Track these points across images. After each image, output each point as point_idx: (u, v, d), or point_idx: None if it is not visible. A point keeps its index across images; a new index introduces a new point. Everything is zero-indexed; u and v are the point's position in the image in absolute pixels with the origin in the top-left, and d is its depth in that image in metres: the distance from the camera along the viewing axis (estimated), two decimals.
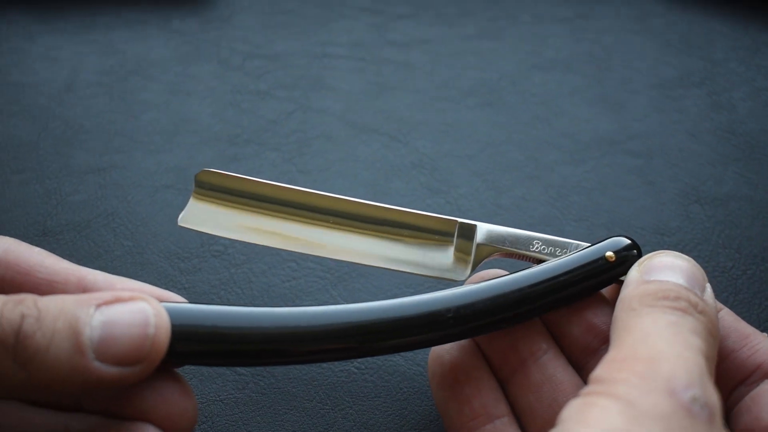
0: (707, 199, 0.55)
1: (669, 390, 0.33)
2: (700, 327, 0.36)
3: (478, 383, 0.42)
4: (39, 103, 0.60)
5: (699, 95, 0.61)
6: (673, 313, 0.37)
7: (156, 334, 0.35)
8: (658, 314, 0.37)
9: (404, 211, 0.45)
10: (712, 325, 0.37)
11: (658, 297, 0.37)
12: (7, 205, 0.54)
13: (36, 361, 0.34)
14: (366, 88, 0.61)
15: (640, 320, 0.37)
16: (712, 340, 0.37)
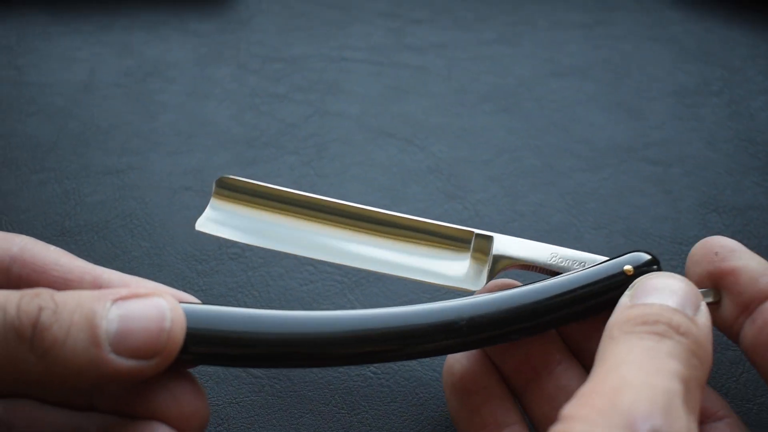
0: (725, 208, 0.55)
1: (628, 424, 0.32)
2: (679, 349, 0.35)
3: (488, 392, 0.42)
4: (57, 103, 0.60)
5: (717, 103, 0.61)
6: (649, 338, 0.35)
7: (172, 329, 0.36)
8: (634, 341, 0.36)
9: (421, 220, 0.45)
10: (697, 346, 0.36)
11: (637, 322, 0.36)
12: (25, 205, 0.54)
13: (53, 353, 0.34)
14: (383, 92, 0.62)
15: (615, 348, 0.36)
16: (696, 361, 0.35)
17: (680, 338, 0.35)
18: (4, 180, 0.56)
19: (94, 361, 0.34)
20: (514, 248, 0.44)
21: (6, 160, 0.57)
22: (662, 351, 0.35)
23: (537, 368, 0.42)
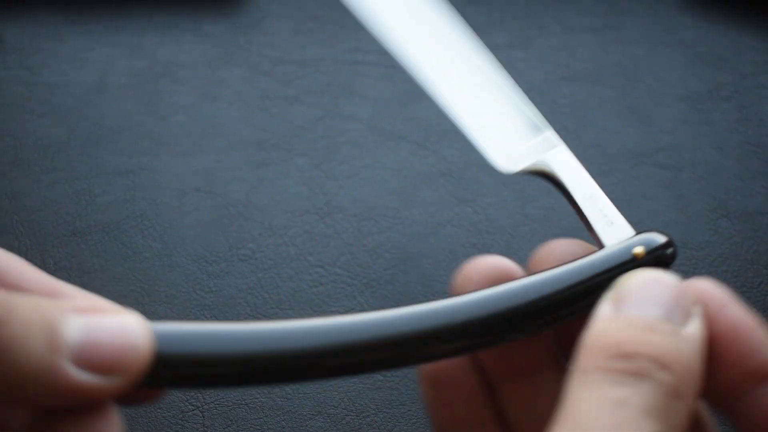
0: (736, 214, 0.55)
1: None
2: (658, 395, 0.29)
3: (461, 387, 0.39)
4: (69, 104, 0.60)
5: (728, 108, 0.61)
6: (622, 384, 0.29)
7: (139, 344, 0.31)
8: (603, 387, 0.29)
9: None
10: (681, 378, 0.29)
11: (611, 355, 0.29)
12: (36, 205, 0.55)
13: (7, 355, 0.29)
14: (394, 95, 0.62)
15: (580, 393, 0.29)
16: (678, 405, 0.29)
17: (662, 376, 0.29)
18: (15, 180, 0.56)
19: (49, 369, 0.30)
20: (564, 169, 0.39)
21: (17, 160, 0.57)
22: (637, 408, 0.28)
23: (520, 366, 0.37)
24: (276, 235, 0.53)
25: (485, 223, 0.54)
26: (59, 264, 0.52)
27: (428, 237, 0.53)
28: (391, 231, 0.54)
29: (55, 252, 0.52)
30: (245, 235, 0.53)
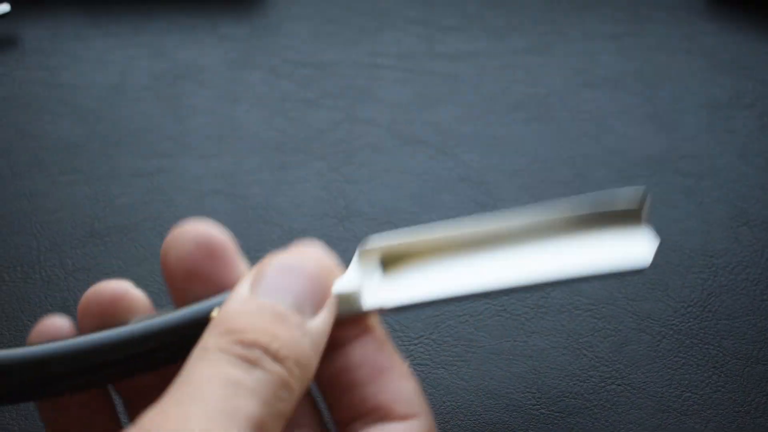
0: (756, 222, 0.54)
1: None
2: (266, 384, 0.31)
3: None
4: (89, 105, 0.60)
5: (749, 116, 0.60)
6: (237, 365, 0.31)
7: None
8: (221, 365, 0.31)
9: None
10: (292, 372, 0.32)
11: (234, 340, 0.31)
12: (55, 206, 0.54)
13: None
14: (413, 99, 0.61)
15: (199, 365, 0.31)
16: (286, 394, 0.31)
17: (273, 367, 0.31)
18: (34, 181, 0.56)
19: None
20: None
21: (36, 161, 0.57)
22: (245, 388, 0.30)
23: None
24: (295, 239, 0.53)
25: None
26: (77, 265, 0.52)
27: None
28: None
29: (73, 253, 0.52)
30: (264, 237, 0.53)
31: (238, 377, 0.31)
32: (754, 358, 0.48)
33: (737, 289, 0.51)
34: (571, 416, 0.46)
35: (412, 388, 0.36)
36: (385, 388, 0.35)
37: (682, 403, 0.46)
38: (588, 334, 0.49)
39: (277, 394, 0.31)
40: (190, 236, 0.37)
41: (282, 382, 0.31)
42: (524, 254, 0.38)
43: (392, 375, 0.36)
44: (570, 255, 0.37)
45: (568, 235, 0.38)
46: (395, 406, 0.35)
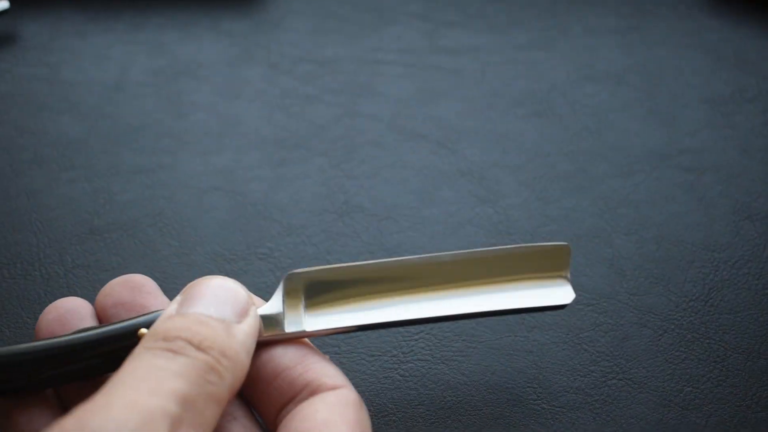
0: (758, 216, 0.54)
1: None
2: (190, 367, 0.34)
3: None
4: (88, 101, 0.60)
5: (752, 111, 0.60)
6: (162, 356, 0.34)
7: None
8: (146, 358, 0.34)
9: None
10: (219, 360, 0.35)
11: (158, 338, 0.35)
12: (55, 203, 0.54)
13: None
14: (415, 94, 0.61)
15: (127, 366, 0.34)
16: (214, 377, 0.34)
17: (197, 354, 0.34)
18: (34, 178, 0.56)
19: None
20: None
21: (36, 158, 0.57)
22: (169, 370, 0.34)
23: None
24: (294, 234, 0.53)
25: (506, 223, 0.54)
26: (77, 262, 0.52)
27: (448, 237, 0.53)
28: (411, 231, 0.53)
29: (73, 250, 0.52)
30: (264, 234, 0.53)
31: (162, 364, 0.34)
32: (756, 352, 0.48)
33: (739, 283, 0.51)
34: (572, 411, 0.46)
35: (335, 366, 0.39)
36: (310, 367, 0.38)
37: (683, 398, 0.46)
38: (589, 329, 0.49)
39: (204, 377, 0.34)
40: (117, 280, 0.42)
41: (207, 367, 0.34)
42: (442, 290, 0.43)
43: (314, 357, 0.39)
44: (492, 292, 0.43)
45: (493, 277, 0.43)
46: (324, 379, 0.38)
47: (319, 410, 0.37)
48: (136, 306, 0.41)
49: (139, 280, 0.42)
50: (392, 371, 0.47)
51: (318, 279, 0.42)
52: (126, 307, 0.41)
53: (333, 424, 0.36)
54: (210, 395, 0.34)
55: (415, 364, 0.47)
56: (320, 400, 0.38)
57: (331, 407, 0.37)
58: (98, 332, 0.39)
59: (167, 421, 0.32)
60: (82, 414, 0.31)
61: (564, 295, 0.43)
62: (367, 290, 0.42)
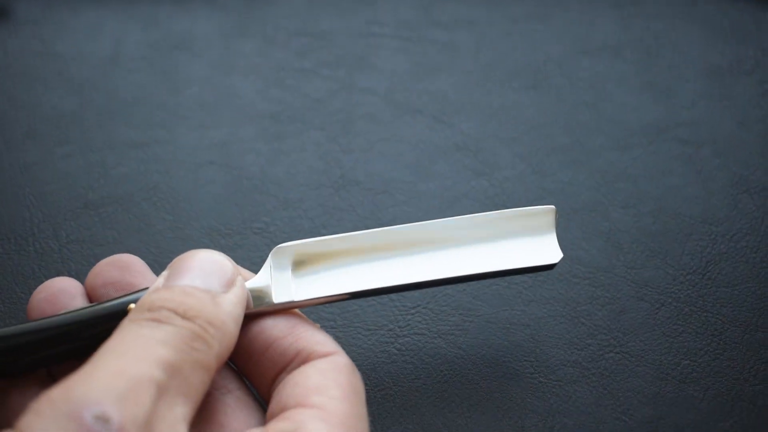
0: (756, 189, 0.54)
1: (71, 411, 0.30)
2: (176, 335, 0.35)
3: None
4: (82, 75, 0.60)
5: (749, 83, 0.60)
6: (147, 326, 0.35)
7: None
8: (132, 329, 0.35)
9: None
10: (206, 328, 0.35)
11: (143, 309, 0.36)
12: (49, 177, 0.54)
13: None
14: (411, 68, 0.61)
15: (113, 337, 0.35)
16: (200, 344, 0.35)
17: (182, 323, 0.35)
18: (28, 152, 0.56)
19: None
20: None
21: (30, 132, 0.57)
22: (154, 338, 0.34)
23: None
24: (290, 209, 0.53)
25: (502, 197, 0.53)
26: (71, 236, 0.51)
27: (444, 211, 0.53)
28: (407, 205, 0.53)
29: (67, 224, 0.52)
30: (259, 208, 0.53)
31: (148, 333, 0.34)
32: (754, 325, 0.48)
33: (737, 256, 0.51)
34: (570, 384, 0.46)
35: (325, 333, 0.40)
36: (301, 336, 0.39)
37: (680, 371, 0.46)
38: (586, 303, 0.49)
39: (191, 344, 0.35)
40: (106, 260, 0.43)
41: (193, 335, 0.35)
42: (431, 256, 0.43)
43: (305, 326, 0.40)
44: (481, 256, 0.43)
45: (482, 241, 0.43)
46: (315, 347, 0.38)
47: (311, 376, 0.37)
48: (125, 285, 0.41)
49: (128, 260, 0.42)
50: (389, 345, 0.47)
51: (306, 251, 0.42)
52: (116, 287, 0.41)
53: (325, 388, 0.37)
54: (196, 363, 0.35)
55: (411, 338, 0.47)
56: (312, 366, 0.38)
57: (323, 372, 0.38)
58: (88, 311, 0.39)
59: (153, 387, 0.32)
60: (69, 383, 0.31)
61: (552, 255, 0.43)
62: (356, 260, 0.42)
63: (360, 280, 0.42)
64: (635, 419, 0.45)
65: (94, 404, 0.30)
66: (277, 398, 0.37)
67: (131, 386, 0.31)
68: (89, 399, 0.31)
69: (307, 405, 0.36)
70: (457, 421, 0.45)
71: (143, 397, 0.32)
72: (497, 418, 0.45)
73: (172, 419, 0.32)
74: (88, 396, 0.31)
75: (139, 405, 0.31)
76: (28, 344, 0.38)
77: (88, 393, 0.31)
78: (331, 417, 0.36)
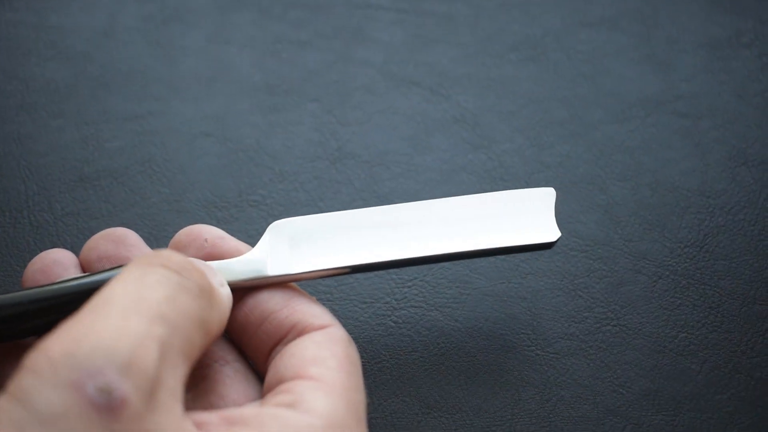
0: (755, 162, 0.54)
1: (73, 382, 0.29)
2: (176, 291, 0.34)
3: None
4: (77, 47, 0.59)
5: (748, 56, 0.60)
6: (146, 279, 0.34)
7: None
8: (139, 270, 0.34)
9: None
10: (200, 289, 0.35)
11: (142, 263, 0.35)
12: (44, 150, 0.54)
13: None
14: (407, 40, 0.60)
15: (116, 278, 0.34)
16: (202, 302, 0.35)
17: (181, 280, 0.34)
18: (23, 124, 0.55)
19: None
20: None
21: (24, 105, 0.56)
22: (155, 291, 0.33)
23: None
24: (287, 181, 0.53)
25: (500, 170, 0.53)
26: (66, 209, 0.51)
27: (441, 184, 0.53)
28: (403, 177, 0.53)
29: (62, 197, 0.52)
30: (255, 180, 0.53)
31: (148, 285, 0.33)
32: (751, 298, 0.48)
33: (735, 229, 0.51)
34: (567, 357, 0.46)
35: (321, 306, 0.40)
36: (296, 309, 0.39)
37: (678, 344, 0.46)
38: (583, 276, 0.49)
39: (192, 301, 0.34)
40: (99, 234, 0.42)
41: (194, 291, 0.35)
42: (428, 232, 0.43)
43: (300, 299, 0.40)
44: (479, 233, 0.43)
45: (480, 219, 0.43)
46: (311, 320, 0.38)
47: (307, 348, 0.37)
48: (120, 259, 0.41)
49: (122, 233, 0.42)
50: (385, 318, 0.47)
51: (303, 227, 0.42)
52: (111, 261, 0.41)
53: (322, 359, 0.37)
54: (197, 321, 0.34)
55: (408, 311, 0.47)
56: (308, 338, 0.38)
57: (320, 344, 0.38)
58: (83, 281, 0.39)
59: (156, 346, 0.31)
60: (69, 343, 0.30)
61: (550, 234, 0.43)
62: (353, 236, 0.42)
63: (357, 255, 0.42)
64: (632, 392, 0.45)
65: (97, 374, 0.29)
66: (273, 370, 0.37)
67: (135, 349, 0.30)
68: (93, 366, 0.29)
69: (304, 376, 0.36)
70: (454, 394, 0.45)
71: (148, 361, 0.30)
72: (494, 391, 0.45)
73: (174, 383, 0.32)
74: (92, 361, 0.29)
75: (144, 372, 0.30)
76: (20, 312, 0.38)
77: (92, 357, 0.29)
78: (329, 388, 0.36)
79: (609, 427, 0.44)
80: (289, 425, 0.33)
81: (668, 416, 0.44)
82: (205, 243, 0.41)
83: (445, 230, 0.43)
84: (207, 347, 0.36)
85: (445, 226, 0.43)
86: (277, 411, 0.34)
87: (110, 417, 0.29)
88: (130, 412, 0.29)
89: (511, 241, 0.43)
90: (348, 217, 0.43)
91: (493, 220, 0.43)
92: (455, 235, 0.42)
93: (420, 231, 0.42)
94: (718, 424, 0.44)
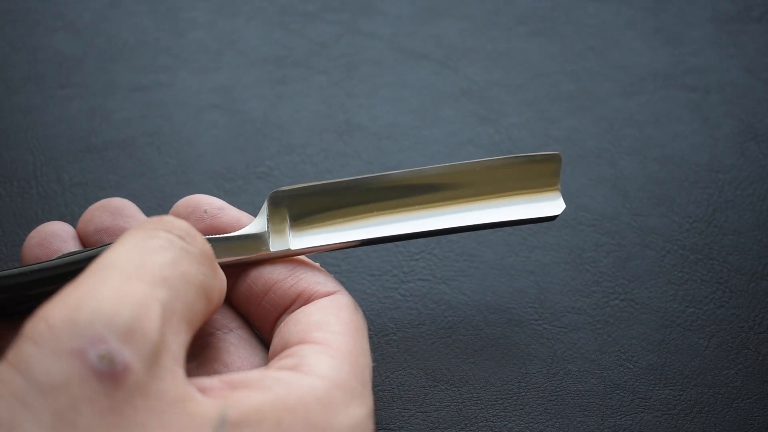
0: (763, 137, 0.53)
1: (75, 349, 0.28)
2: (177, 256, 0.33)
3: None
4: (84, 18, 0.59)
5: (758, 30, 0.59)
6: (163, 235, 0.34)
7: None
8: (142, 234, 0.33)
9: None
10: (201, 253, 0.34)
11: (143, 228, 0.34)
12: (51, 121, 0.54)
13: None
14: (416, 12, 0.60)
15: (117, 242, 0.33)
16: (203, 268, 0.34)
17: (182, 244, 0.34)
18: (30, 95, 0.55)
19: None
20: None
21: (32, 75, 0.56)
22: (156, 254, 0.33)
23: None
24: (294, 153, 0.53)
25: (507, 143, 0.53)
26: (74, 180, 0.51)
27: (449, 157, 0.52)
28: (411, 150, 0.53)
29: (69, 168, 0.52)
30: (263, 152, 0.53)
31: (149, 249, 0.33)
32: (759, 273, 0.48)
33: (743, 204, 0.51)
34: (574, 332, 0.46)
35: (327, 274, 0.40)
36: (302, 278, 0.39)
37: (685, 319, 0.46)
38: (591, 250, 0.49)
39: (193, 266, 0.34)
40: (96, 205, 0.42)
41: (195, 256, 0.34)
42: (434, 206, 0.42)
43: (305, 268, 0.39)
44: (483, 206, 0.42)
45: (484, 190, 0.42)
46: (317, 287, 0.39)
47: (312, 313, 0.37)
48: (117, 230, 0.41)
49: (119, 204, 0.42)
50: (393, 291, 0.47)
51: (303, 196, 0.41)
52: (108, 232, 0.41)
53: (327, 324, 0.37)
54: (200, 287, 0.34)
55: (415, 283, 0.47)
56: (314, 305, 0.38)
57: (325, 310, 0.38)
58: (81, 255, 0.38)
59: (159, 309, 0.31)
60: (69, 309, 0.29)
61: (554, 206, 0.43)
62: (354, 207, 0.42)
63: (357, 231, 0.41)
64: (639, 366, 0.45)
65: (99, 341, 0.28)
66: (279, 337, 0.37)
67: (137, 314, 0.30)
68: (94, 333, 0.28)
69: (309, 341, 0.36)
70: (461, 367, 0.45)
71: (150, 326, 0.30)
72: (501, 365, 0.45)
73: (176, 348, 0.31)
74: (93, 328, 0.29)
75: (146, 337, 0.30)
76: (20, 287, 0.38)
77: (93, 323, 0.29)
78: (334, 351, 0.35)
79: (616, 401, 0.44)
80: (292, 387, 0.33)
81: (675, 391, 0.44)
82: (205, 214, 0.41)
83: (448, 203, 0.42)
84: (209, 316, 0.35)
85: (448, 198, 0.42)
86: (280, 374, 0.34)
87: (113, 384, 0.28)
88: (133, 379, 0.29)
89: (513, 215, 0.42)
90: (348, 185, 0.42)
91: (498, 191, 0.42)
92: (459, 208, 0.42)
93: (424, 203, 0.42)
94: (725, 398, 0.44)
